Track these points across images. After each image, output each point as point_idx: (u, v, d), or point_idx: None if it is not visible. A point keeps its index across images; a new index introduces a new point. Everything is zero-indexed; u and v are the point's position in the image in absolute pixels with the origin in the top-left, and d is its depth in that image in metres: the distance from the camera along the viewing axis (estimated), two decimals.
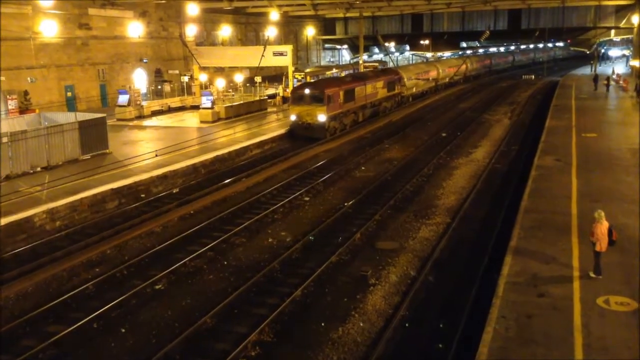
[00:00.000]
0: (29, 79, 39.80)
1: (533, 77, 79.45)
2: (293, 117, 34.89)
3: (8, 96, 37.47)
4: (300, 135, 34.22)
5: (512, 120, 43.14)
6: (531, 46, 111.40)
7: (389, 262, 16.90)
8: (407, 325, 13.31)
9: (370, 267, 16.36)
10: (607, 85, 50.93)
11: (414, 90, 53.53)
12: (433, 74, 59.36)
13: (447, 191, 24.21)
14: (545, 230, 16.40)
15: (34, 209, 19.46)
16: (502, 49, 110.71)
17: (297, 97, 35.44)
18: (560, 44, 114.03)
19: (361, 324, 13.44)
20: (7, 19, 37.90)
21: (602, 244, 13.12)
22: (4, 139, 23.15)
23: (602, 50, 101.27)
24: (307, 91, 34.89)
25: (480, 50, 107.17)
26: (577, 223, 16.86)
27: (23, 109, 37.31)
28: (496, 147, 32.78)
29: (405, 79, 49.98)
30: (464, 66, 69.98)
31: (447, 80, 64.06)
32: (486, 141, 35.07)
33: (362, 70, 56.78)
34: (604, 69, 74.46)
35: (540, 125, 35.27)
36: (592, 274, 13.32)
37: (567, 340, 10.76)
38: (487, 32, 72.45)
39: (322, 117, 34.06)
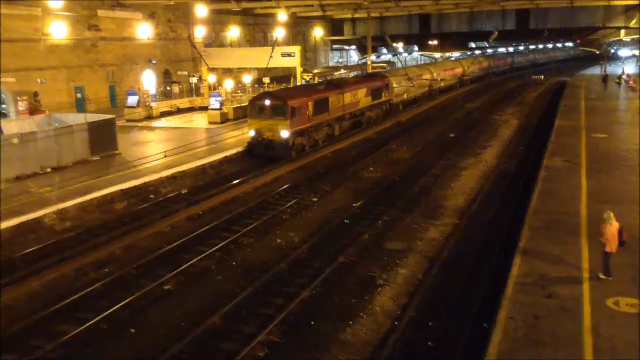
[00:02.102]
0: (38, 80, 40.06)
1: (542, 77, 78.21)
2: (252, 133, 29.84)
3: (18, 97, 37.79)
4: (260, 154, 29.51)
5: (521, 120, 42.95)
6: (531, 47, 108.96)
7: (397, 263, 16.88)
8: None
9: (378, 268, 16.35)
10: (619, 83, 50.90)
11: (405, 96, 48.55)
12: (426, 77, 54.52)
13: (455, 192, 24.15)
14: (554, 231, 16.33)
15: (44, 210, 19.59)
16: (503, 50, 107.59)
17: (255, 109, 30.06)
18: (569, 44, 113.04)
19: (369, 325, 13.42)
20: (17, 21, 38.20)
21: (612, 245, 13.05)
22: (15, 140, 23.32)
23: (612, 50, 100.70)
24: (267, 102, 29.52)
25: (477, 52, 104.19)
26: (586, 224, 16.78)
27: (33, 110, 37.57)
28: (504, 148, 32.66)
29: (395, 85, 44.89)
30: (459, 69, 65.56)
31: (442, 84, 59.08)
32: (494, 142, 34.93)
33: (336, 77, 52.48)
34: (614, 69, 74.01)
35: (549, 126, 35.10)
36: (601, 275, 13.25)
37: (576, 342, 10.72)
38: (495, 32, 71.80)
39: (284, 133, 28.97)
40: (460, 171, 27.56)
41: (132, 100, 40.71)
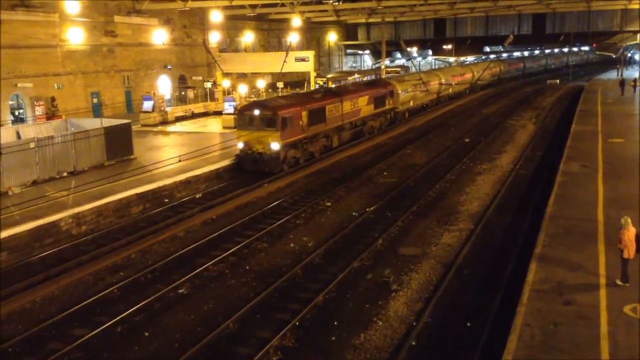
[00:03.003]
0: (55, 85, 40.51)
1: (558, 82, 77.03)
2: (240, 145, 27.83)
3: (35, 102, 38.26)
4: (249, 168, 27.57)
5: (537, 125, 42.65)
6: (547, 51, 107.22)
7: (411, 268, 16.80)
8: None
9: (392, 273, 16.29)
10: (635, 87, 50.46)
11: (412, 104, 46.14)
12: (434, 84, 51.80)
13: (471, 197, 24.01)
14: (571, 237, 16.18)
15: (61, 214, 19.77)
16: (516, 54, 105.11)
17: (244, 120, 28.10)
18: (585, 48, 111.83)
19: (383, 330, 13.37)
20: (35, 27, 38.67)
21: (630, 251, 12.89)
22: (31, 145, 23.59)
23: (629, 55, 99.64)
24: (255, 112, 27.53)
25: (492, 56, 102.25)
26: (603, 230, 16.61)
27: (50, 115, 38.03)
28: (521, 153, 32.43)
29: (400, 91, 42.53)
30: (469, 75, 62.09)
31: (451, 91, 56.47)
32: (510, 147, 34.71)
33: (335, 85, 49.18)
34: (631, 73, 73.26)
35: (566, 131, 34.81)
36: (619, 282, 13.10)
37: (593, 349, 10.59)
38: (511, 36, 71.32)
39: (275, 146, 26.94)
40: (476, 176, 27.40)
41: (147, 105, 41.02)
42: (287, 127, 27.54)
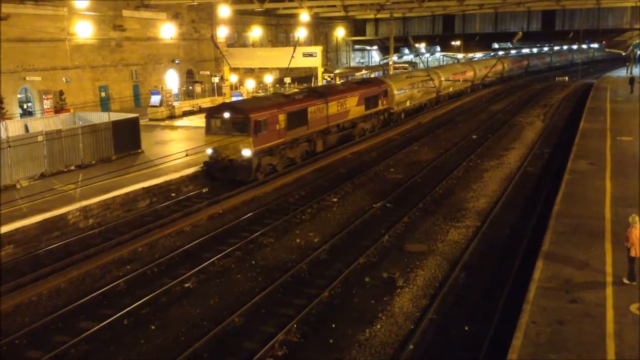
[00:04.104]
0: (64, 79, 40.69)
1: (566, 79, 76.15)
2: (209, 151, 25.15)
3: (44, 96, 38.45)
4: (218, 176, 25.28)
5: (545, 123, 42.45)
6: (546, 49, 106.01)
7: (418, 265, 16.79)
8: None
9: (398, 270, 16.28)
10: None
11: (408, 104, 43.37)
12: (433, 83, 48.54)
13: (478, 194, 23.95)
14: (578, 235, 16.12)
15: (68, 207, 19.86)
16: (516, 52, 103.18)
17: (213, 124, 25.60)
18: (594, 45, 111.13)
19: (388, 326, 13.37)
20: (43, 21, 38.83)
21: (637, 249, 12.83)
22: (39, 138, 23.70)
23: (639, 52, 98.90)
24: (225, 115, 25.04)
25: (501, 53, 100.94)
26: (610, 228, 16.53)
27: (58, 109, 38.19)
28: (528, 150, 32.30)
29: (395, 91, 39.94)
30: (470, 72, 59.78)
31: (451, 90, 54.06)
32: (518, 144, 34.57)
33: (328, 83, 47.09)
34: None
35: (574, 128, 34.64)
36: (625, 280, 13.05)
37: (599, 348, 10.55)
38: (520, 33, 70.86)
39: (246, 152, 24.46)
40: (483, 173, 27.32)
41: (155, 99, 41.15)
42: (261, 131, 24.96)
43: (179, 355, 12.13)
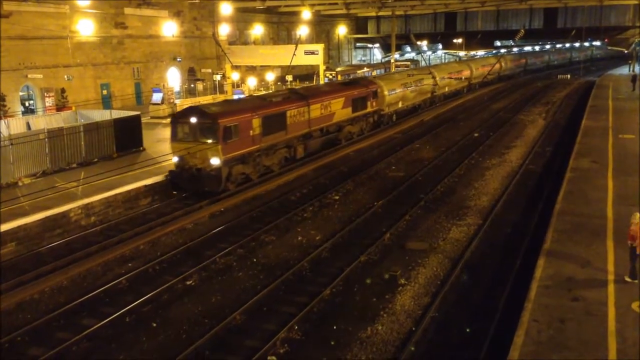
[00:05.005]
0: (66, 77, 40.71)
1: (569, 76, 75.74)
2: (175, 159, 23.35)
3: (45, 94, 38.48)
4: (185, 187, 23.46)
5: (547, 121, 42.40)
6: (546, 47, 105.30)
7: (419, 263, 16.79)
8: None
9: (399, 268, 16.29)
10: None
11: (400, 105, 41.16)
12: (427, 82, 46.83)
13: (479, 192, 23.93)
14: (580, 233, 16.10)
15: (70, 205, 19.88)
16: (516, 50, 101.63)
17: (179, 130, 23.68)
18: (597, 43, 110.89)
19: (390, 324, 13.38)
20: (46, 18, 38.84)
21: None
22: (41, 136, 23.72)
23: None
24: (192, 120, 23.04)
25: (503, 50, 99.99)
26: (612, 226, 16.51)
27: (60, 106, 38.23)
28: (530, 148, 32.27)
29: (386, 92, 37.90)
30: (467, 72, 57.69)
31: (446, 90, 52.04)
32: (520, 142, 34.54)
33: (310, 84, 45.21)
34: None
35: (576, 126, 34.59)
36: (627, 278, 13.05)
37: (600, 346, 10.55)
38: (522, 31, 70.69)
39: (215, 161, 22.55)
40: (485, 171, 27.31)
41: (156, 97, 41.15)
42: (231, 138, 22.99)
43: (181, 352, 12.15)
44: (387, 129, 38.17)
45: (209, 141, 22.63)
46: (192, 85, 49.38)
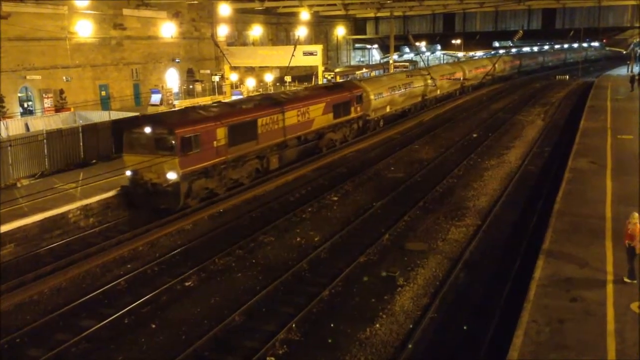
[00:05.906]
0: (64, 78, 40.66)
1: (567, 77, 75.94)
2: (129, 173, 21.13)
3: (44, 95, 38.45)
4: (140, 203, 21.35)
5: (546, 121, 42.43)
6: (545, 48, 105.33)
7: (418, 264, 16.79)
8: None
9: (398, 268, 16.28)
10: None
11: (388, 109, 38.95)
12: (418, 85, 44.19)
13: (478, 193, 23.94)
14: (579, 234, 16.11)
15: (68, 206, 19.86)
16: (513, 50, 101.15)
17: (133, 141, 21.29)
18: (595, 44, 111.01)
19: (389, 325, 13.37)
20: (44, 19, 38.80)
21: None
22: (39, 137, 23.71)
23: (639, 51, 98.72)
24: (147, 130, 20.83)
25: (502, 51, 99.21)
26: (611, 226, 16.52)
27: (58, 108, 38.21)
28: (529, 149, 32.29)
29: (372, 96, 35.90)
30: (460, 74, 55.44)
31: (438, 93, 49.76)
32: (519, 142, 34.55)
33: (289, 89, 42.30)
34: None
35: (574, 127, 34.62)
36: (626, 279, 13.05)
37: (600, 346, 10.56)
38: (521, 31, 70.68)
39: (172, 175, 20.51)
40: (484, 172, 27.32)
41: (155, 98, 41.18)
42: (191, 149, 20.91)
43: (180, 354, 12.14)
44: (387, 129, 38.15)
45: (166, 153, 20.39)
46: (191, 87, 49.35)
